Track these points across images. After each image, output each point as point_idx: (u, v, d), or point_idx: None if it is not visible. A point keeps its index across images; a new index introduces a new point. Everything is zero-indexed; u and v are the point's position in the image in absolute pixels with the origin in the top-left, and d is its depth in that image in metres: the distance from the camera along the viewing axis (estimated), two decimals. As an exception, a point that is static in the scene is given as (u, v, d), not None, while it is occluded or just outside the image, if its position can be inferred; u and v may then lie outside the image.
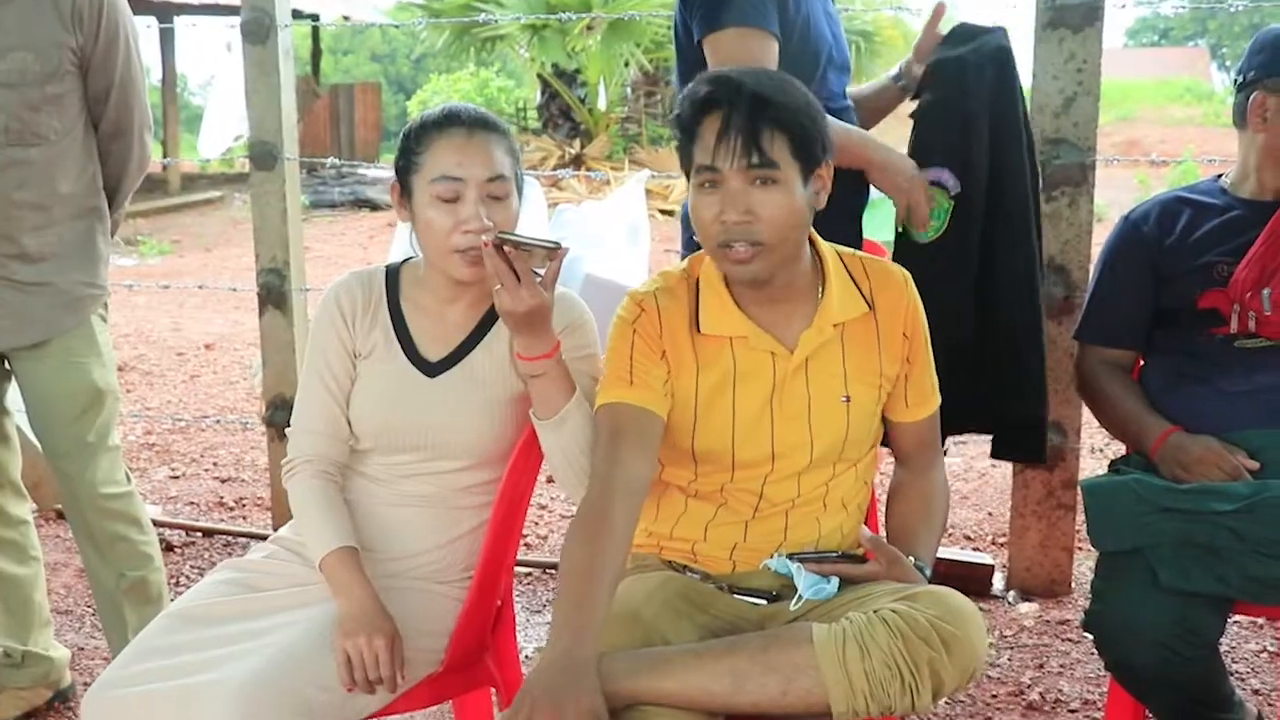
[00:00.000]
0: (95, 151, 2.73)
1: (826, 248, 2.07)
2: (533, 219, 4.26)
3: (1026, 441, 2.76)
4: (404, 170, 2.09)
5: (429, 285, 2.15)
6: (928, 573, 2.02)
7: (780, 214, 1.89)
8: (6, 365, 2.75)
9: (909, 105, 2.76)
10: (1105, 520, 2.25)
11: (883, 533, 2.15)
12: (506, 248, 1.92)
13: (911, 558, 2.02)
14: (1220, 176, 2.56)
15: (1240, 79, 2.47)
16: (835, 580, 1.97)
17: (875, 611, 1.78)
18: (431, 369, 2.12)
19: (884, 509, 2.19)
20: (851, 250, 2.12)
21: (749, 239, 1.89)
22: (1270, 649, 3.16)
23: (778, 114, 1.87)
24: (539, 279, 1.93)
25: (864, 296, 2.05)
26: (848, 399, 2.02)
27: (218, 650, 1.92)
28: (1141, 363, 2.55)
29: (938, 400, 2.15)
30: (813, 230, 2.03)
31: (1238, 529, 2.12)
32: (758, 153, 1.86)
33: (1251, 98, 2.42)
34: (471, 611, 2.11)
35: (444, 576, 2.13)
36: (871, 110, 2.89)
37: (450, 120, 2.06)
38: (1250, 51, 2.47)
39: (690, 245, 2.69)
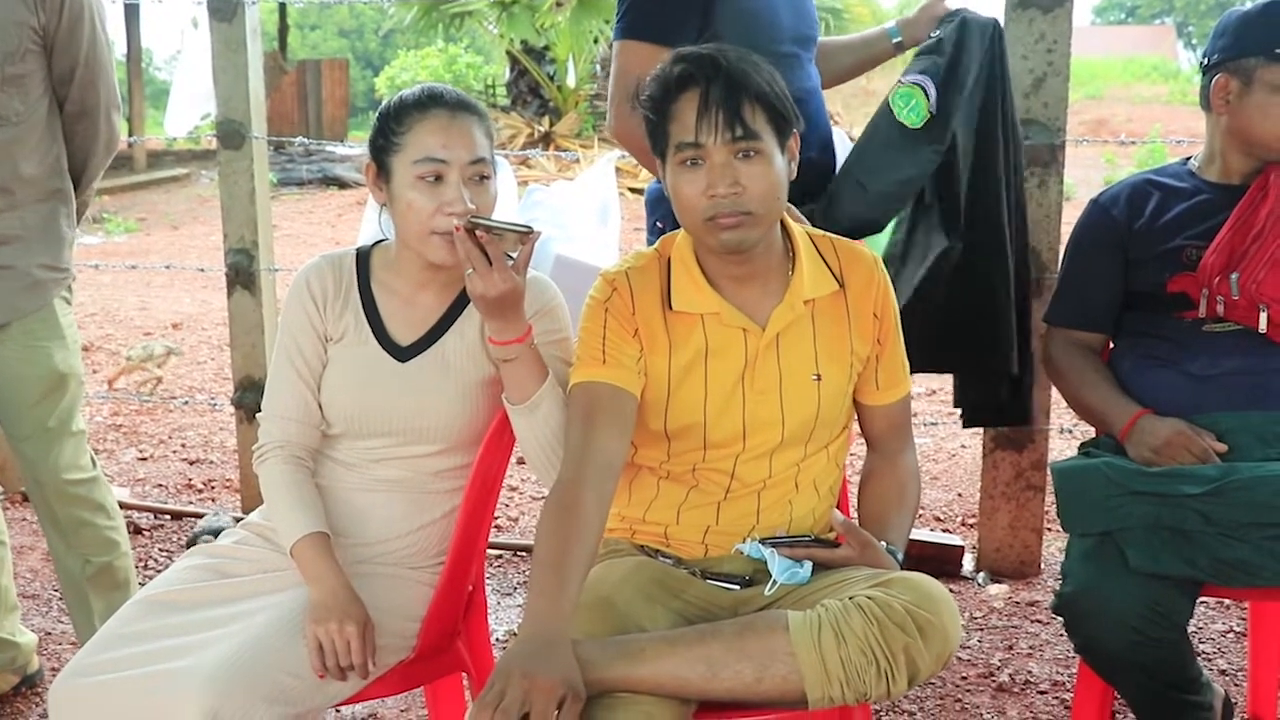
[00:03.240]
0: (60, 133, 2.69)
1: (796, 228, 2.07)
2: (503, 199, 4.23)
3: (995, 400, 2.92)
4: (382, 150, 2.06)
5: (400, 269, 2.13)
6: (900, 557, 2.02)
7: (766, 184, 1.91)
8: (-34, 349, 2.72)
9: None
10: (1075, 503, 2.27)
11: (854, 516, 2.15)
12: (478, 232, 1.91)
13: (884, 543, 2.02)
14: (1189, 159, 2.56)
15: (1205, 62, 2.48)
16: (809, 565, 1.96)
17: (850, 598, 1.78)
18: (403, 353, 2.10)
19: (855, 493, 2.19)
20: (820, 231, 2.13)
21: (737, 210, 1.90)
22: (1237, 629, 3.19)
23: (755, 87, 1.90)
24: (511, 263, 1.92)
25: (834, 275, 2.06)
26: (818, 377, 2.03)
27: (188, 637, 1.90)
28: (1111, 345, 2.56)
29: (909, 384, 2.15)
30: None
31: (1206, 512, 2.13)
32: (740, 125, 1.88)
33: (1214, 80, 2.43)
34: (443, 597, 2.10)
35: (416, 562, 2.12)
36: (857, 61, 2.95)
37: (434, 101, 2.04)
38: (1214, 35, 2.47)
39: (654, 229, 2.69)
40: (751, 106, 1.89)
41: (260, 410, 2.15)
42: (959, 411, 3.13)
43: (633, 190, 12.42)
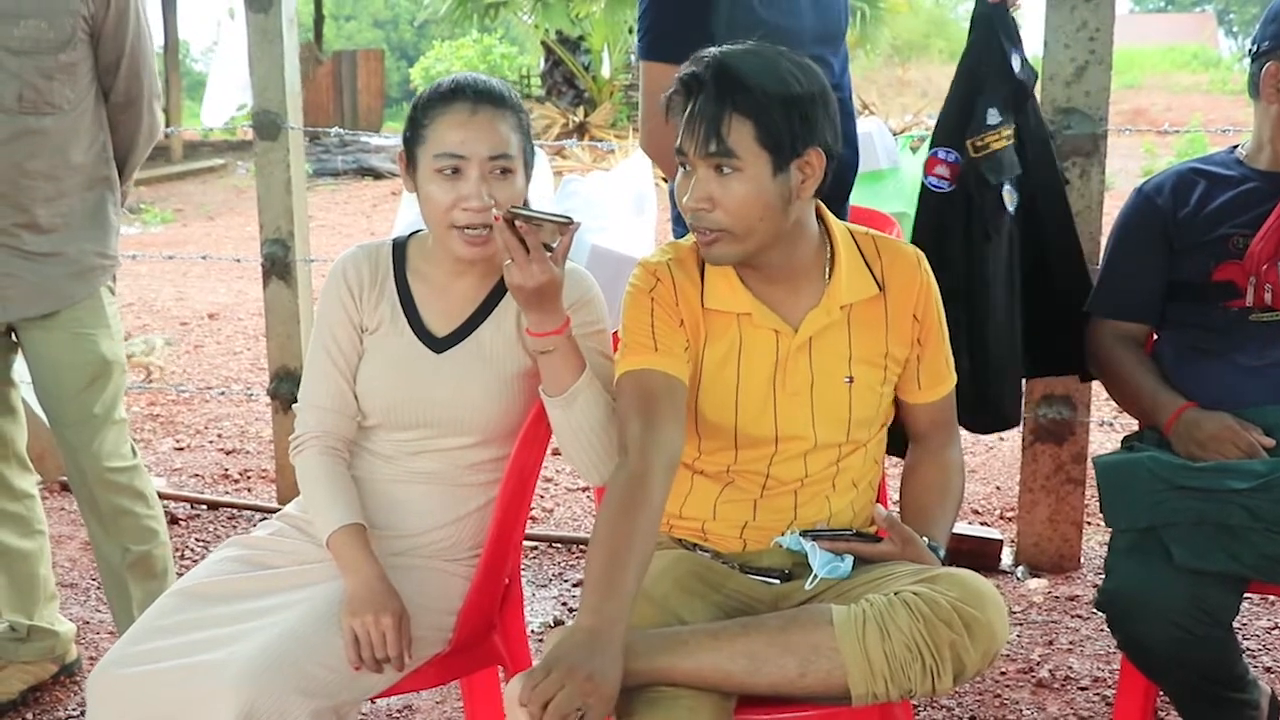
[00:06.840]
0: (105, 121, 2.73)
1: (838, 226, 2.03)
2: (538, 190, 4.23)
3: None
4: (410, 141, 2.06)
5: (436, 259, 2.12)
6: (942, 554, 1.99)
7: (740, 204, 1.85)
8: (13, 336, 2.73)
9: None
10: (1119, 498, 2.23)
11: (893, 510, 2.13)
12: (517, 222, 1.89)
13: (925, 538, 1.99)
14: (1235, 148, 2.52)
15: (1254, 49, 2.44)
16: (850, 559, 1.94)
17: (895, 593, 1.76)
18: (438, 344, 2.09)
19: (896, 488, 2.17)
20: (864, 229, 2.09)
21: (709, 225, 1.87)
22: (1281, 625, 3.15)
23: (745, 101, 1.83)
24: (550, 254, 1.90)
25: (875, 278, 2.02)
26: (850, 379, 1.99)
27: (224, 629, 1.90)
28: (1155, 336, 2.52)
29: (953, 380, 2.12)
30: (823, 206, 2.00)
31: (1253, 507, 2.10)
32: (717, 141, 1.83)
33: (1265, 69, 2.38)
34: (479, 589, 2.09)
35: (452, 554, 2.11)
36: None
37: (456, 94, 2.02)
38: (1264, 21, 2.43)
39: (677, 218, 2.69)
40: (735, 123, 1.82)
41: (296, 400, 2.15)
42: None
43: (666, 181, 12.38)
